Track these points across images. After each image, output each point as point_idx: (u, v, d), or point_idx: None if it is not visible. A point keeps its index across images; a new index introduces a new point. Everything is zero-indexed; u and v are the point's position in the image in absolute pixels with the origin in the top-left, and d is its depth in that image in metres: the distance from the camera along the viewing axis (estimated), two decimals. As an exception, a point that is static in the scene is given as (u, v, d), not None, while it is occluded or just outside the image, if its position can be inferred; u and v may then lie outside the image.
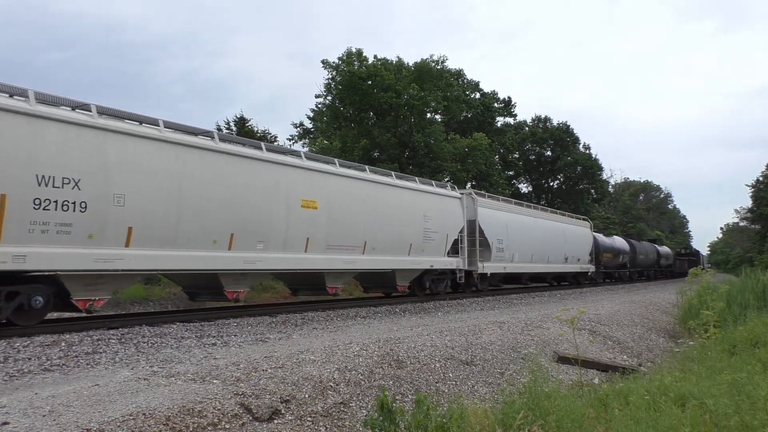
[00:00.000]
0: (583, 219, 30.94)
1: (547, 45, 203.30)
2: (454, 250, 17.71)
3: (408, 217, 15.49)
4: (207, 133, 10.84)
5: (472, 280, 18.72)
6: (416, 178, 17.03)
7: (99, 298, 9.15)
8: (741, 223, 68.05)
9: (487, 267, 19.11)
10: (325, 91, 33.30)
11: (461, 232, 17.95)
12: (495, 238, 19.67)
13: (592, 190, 51.49)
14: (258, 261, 11.24)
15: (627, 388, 6.02)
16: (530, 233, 22.51)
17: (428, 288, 16.87)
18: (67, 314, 12.60)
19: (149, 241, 9.43)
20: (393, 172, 16.01)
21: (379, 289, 16.32)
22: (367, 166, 15.09)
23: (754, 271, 18.56)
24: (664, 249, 50.48)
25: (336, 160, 14.04)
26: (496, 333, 9.45)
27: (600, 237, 32.22)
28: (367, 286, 16.43)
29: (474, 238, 18.68)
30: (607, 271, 33.71)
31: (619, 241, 36.19)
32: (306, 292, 14.33)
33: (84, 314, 9.83)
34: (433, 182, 17.64)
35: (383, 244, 14.44)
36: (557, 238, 25.32)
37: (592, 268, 29.25)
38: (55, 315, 12.95)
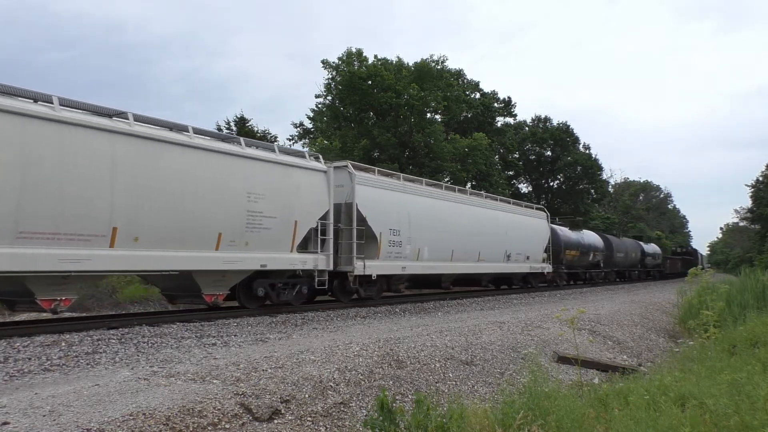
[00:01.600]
0: (538, 208, 25.36)
1: (547, 45, 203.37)
2: (322, 243, 12.94)
3: (215, 195, 10.60)
4: None
5: (351, 284, 13.88)
6: (242, 139, 11.83)
7: None
8: (741, 223, 68.06)
9: (372, 267, 14.00)
10: (325, 91, 33.30)
11: (325, 218, 13.03)
12: (387, 228, 14.72)
13: (592, 190, 51.44)
14: None
15: (627, 388, 6.02)
16: (450, 223, 17.49)
17: (267, 296, 12.06)
18: (67, 314, 12.63)
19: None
20: (191, 126, 10.71)
21: (187, 299, 11.34)
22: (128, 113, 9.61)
23: (754, 271, 18.56)
24: (651, 247, 46.20)
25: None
26: (496, 333, 9.45)
27: (562, 231, 27.59)
28: (170, 295, 11.48)
29: (350, 228, 13.64)
30: (573, 272, 28.97)
31: (589, 237, 31.40)
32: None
33: (83, 314, 9.79)
34: (275, 146, 12.71)
35: (159, 232, 9.69)
36: (494, 230, 20.14)
37: (548, 267, 24.14)
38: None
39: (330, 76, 32.43)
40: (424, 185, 17.32)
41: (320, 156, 13.77)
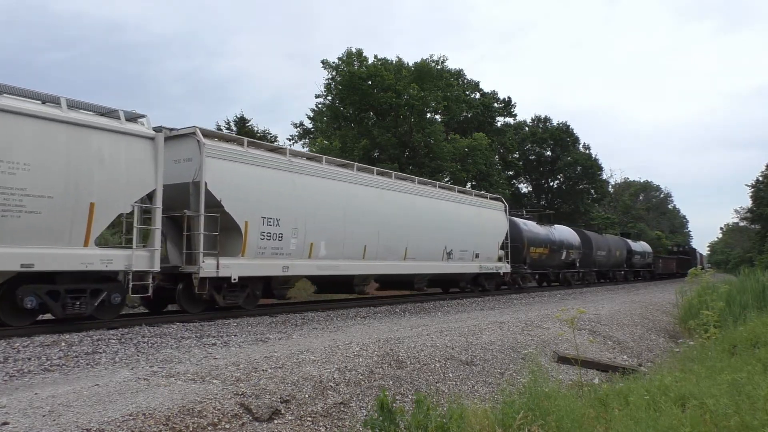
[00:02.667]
0: (493, 198, 21.54)
1: (547, 45, 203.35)
2: (144, 236, 10.09)
3: None
4: None
5: (197, 289, 10.50)
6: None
7: None
8: (741, 223, 68.06)
9: (230, 267, 10.89)
10: (325, 91, 33.32)
11: (149, 201, 9.95)
12: (257, 216, 11.42)
13: (592, 190, 51.48)
14: None
15: (627, 388, 6.02)
16: (363, 212, 14.06)
17: (47, 309, 8.71)
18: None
19: None
20: None
21: None
22: None
23: (754, 271, 18.57)
24: (641, 245, 42.57)
25: None
26: (496, 333, 9.45)
27: (527, 225, 24.00)
28: None
29: (197, 215, 10.60)
30: (540, 272, 25.50)
31: (562, 232, 27.47)
32: None
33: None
34: (63, 99, 8.91)
35: None
36: (429, 222, 16.56)
37: (504, 267, 20.48)
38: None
39: (330, 76, 32.46)
40: (324, 164, 13.54)
41: (147, 117, 10.12)
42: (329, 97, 33.24)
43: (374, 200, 14.65)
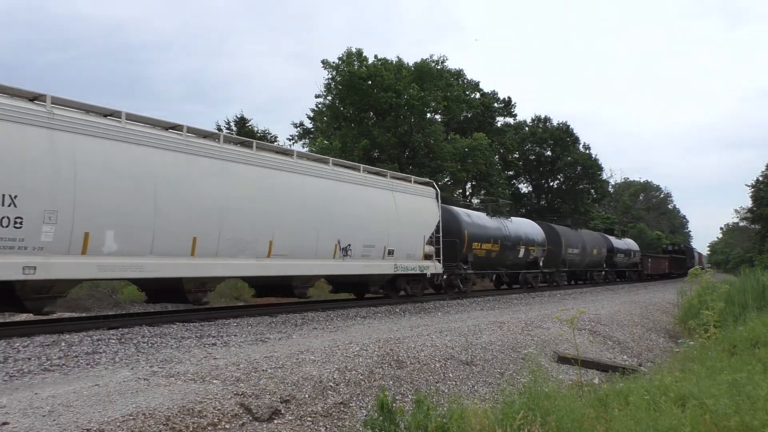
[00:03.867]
0: (419, 181, 17.02)
1: (547, 45, 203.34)
2: None
3: None
4: None
5: None
6: None
7: None
8: (741, 223, 68.02)
9: None
10: (325, 91, 33.34)
11: None
12: None
13: (592, 190, 51.48)
14: None
15: (627, 388, 6.01)
16: (189, 191, 10.24)
17: None
18: (67, 314, 12.63)
19: None
20: None
21: None
22: None
23: (754, 271, 18.57)
24: (624, 243, 38.21)
25: None
26: (496, 333, 9.45)
27: (470, 216, 19.70)
28: None
29: None
30: (489, 273, 21.53)
31: (520, 226, 23.39)
32: None
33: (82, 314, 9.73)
34: None
35: None
36: (311, 208, 12.54)
37: (434, 267, 16.34)
38: (54, 315, 12.96)
39: (330, 76, 32.49)
40: (124, 122, 9.54)
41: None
42: (329, 97, 33.27)
43: (212, 176, 10.60)
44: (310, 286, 13.33)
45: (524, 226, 24.07)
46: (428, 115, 33.35)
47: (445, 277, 17.78)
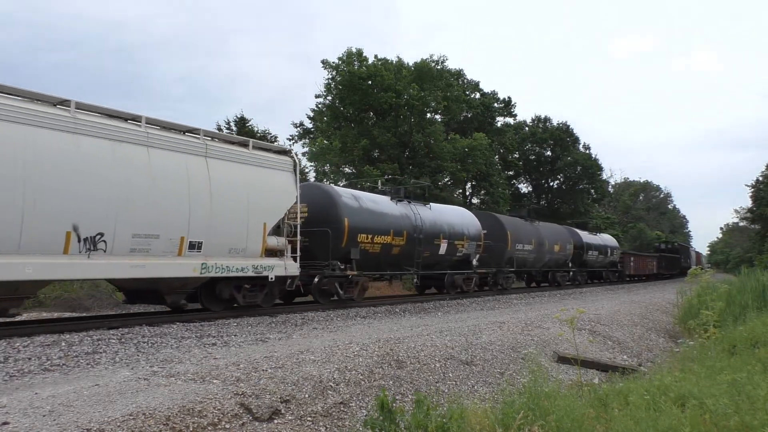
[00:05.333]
0: (275, 150, 12.61)
1: (547, 45, 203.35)
2: None
3: None
4: None
5: None
6: None
7: None
8: (741, 223, 68.00)
9: None
10: (325, 91, 33.32)
11: None
12: None
13: (592, 190, 51.47)
14: None
15: (627, 388, 6.02)
16: None
17: None
18: (67, 314, 12.63)
19: None
20: None
21: None
22: None
23: (754, 271, 18.56)
24: (601, 239, 33.16)
25: None
26: (496, 333, 9.46)
27: (358, 199, 14.98)
28: None
29: None
30: (387, 274, 16.62)
31: (442, 214, 18.32)
32: None
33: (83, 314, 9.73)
34: None
35: None
36: (9, 172, 7.91)
37: (282, 267, 11.93)
38: (54, 315, 12.96)
39: (330, 76, 32.47)
40: None
41: None
42: (329, 97, 33.26)
43: None
44: (17, 302, 8.55)
45: (449, 215, 18.76)
46: (428, 115, 33.34)
47: (317, 280, 13.28)
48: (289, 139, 35.21)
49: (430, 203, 18.64)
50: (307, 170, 32.18)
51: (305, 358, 6.38)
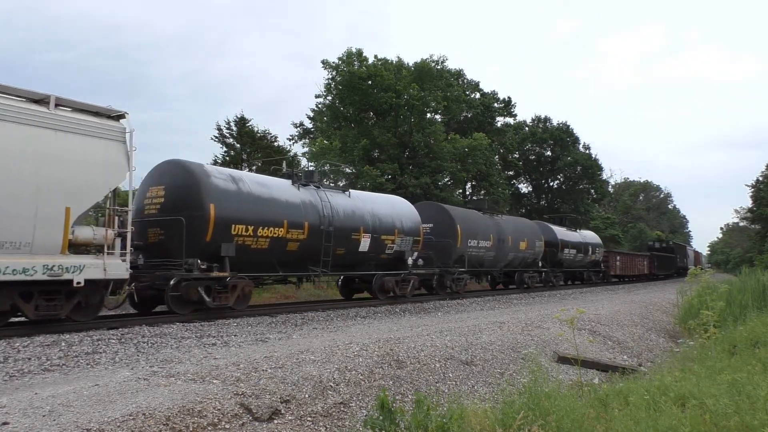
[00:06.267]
0: (100, 112, 9.50)
1: (547, 45, 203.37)
2: None
3: None
4: None
5: None
6: None
7: None
8: (741, 223, 68.06)
9: None
10: (325, 91, 33.35)
11: None
12: None
13: (592, 190, 51.48)
14: None
15: (627, 388, 6.02)
16: None
17: None
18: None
19: None
20: None
21: None
22: None
23: (754, 271, 18.56)
24: (581, 235, 29.85)
25: None
26: (496, 333, 9.46)
27: (239, 182, 12.15)
28: None
29: None
30: (273, 276, 13.47)
31: (361, 203, 15.30)
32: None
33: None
34: None
35: None
36: None
37: (99, 268, 8.97)
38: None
39: (330, 76, 32.49)
40: None
41: None
42: (329, 97, 33.27)
43: None
44: None
45: (375, 204, 15.49)
46: (428, 115, 33.34)
47: (172, 283, 10.39)
48: (290, 139, 35.28)
49: (350, 190, 15.83)
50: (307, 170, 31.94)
51: (305, 358, 6.38)
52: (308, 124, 35.35)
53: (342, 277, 16.05)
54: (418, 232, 16.75)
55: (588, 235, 31.62)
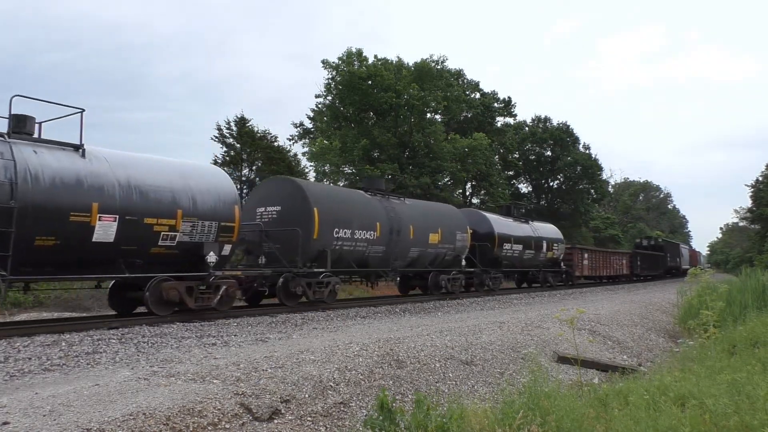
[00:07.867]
0: None
1: (547, 45, 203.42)
2: None
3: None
4: None
5: None
6: None
7: None
8: (741, 223, 68.11)
9: None
10: (325, 91, 33.36)
11: None
12: None
13: (592, 190, 51.48)
14: None
15: (627, 388, 6.02)
16: None
17: None
18: (66, 314, 12.63)
19: None
20: None
21: None
22: None
23: (754, 271, 18.56)
24: (532, 228, 23.96)
25: None
26: (495, 333, 9.46)
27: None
28: None
29: None
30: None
31: (135, 174, 9.70)
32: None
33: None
34: None
35: None
36: None
37: None
38: (54, 315, 12.97)
39: (330, 76, 32.51)
40: None
41: None
42: (329, 97, 33.28)
43: None
44: None
45: (146, 171, 10.05)
46: (428, 115, 33.36)
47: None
48: (290, 139, 35.30)
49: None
50: (307, 170, 32.05)
51: (305, 358, 6.38)
52: (308, 124, 35.39)
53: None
54: (231, 217, 11.13)
55: (544, 228, 25.48)
